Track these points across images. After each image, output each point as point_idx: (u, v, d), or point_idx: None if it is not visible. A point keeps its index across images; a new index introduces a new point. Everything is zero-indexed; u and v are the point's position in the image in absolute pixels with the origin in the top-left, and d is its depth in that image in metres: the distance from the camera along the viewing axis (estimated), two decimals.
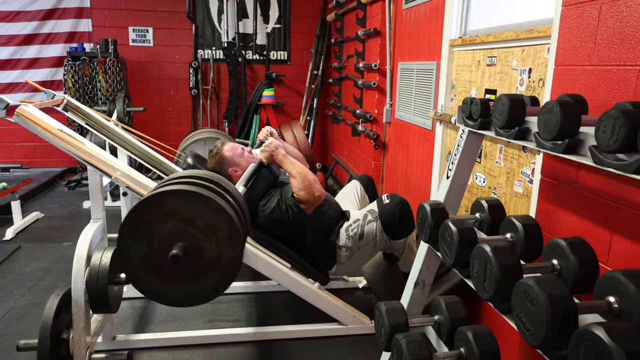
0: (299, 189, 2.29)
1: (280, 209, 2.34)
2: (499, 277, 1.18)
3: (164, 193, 1.55)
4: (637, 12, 1.32)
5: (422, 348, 1.51)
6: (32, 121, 1.93)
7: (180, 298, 1.65)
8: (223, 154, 2.52)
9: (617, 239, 1.40)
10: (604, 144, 1.01)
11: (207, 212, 1.55)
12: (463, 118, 1.68)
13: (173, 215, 1.55)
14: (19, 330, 2.43)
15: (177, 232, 1.55)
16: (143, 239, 1.56)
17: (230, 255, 1.59)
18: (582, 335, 0.89)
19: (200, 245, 1.57)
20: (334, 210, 2.49)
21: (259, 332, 2.43)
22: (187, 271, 1.59)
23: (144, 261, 1.57)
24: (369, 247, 2.37)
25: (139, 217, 1.55)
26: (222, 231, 1.57)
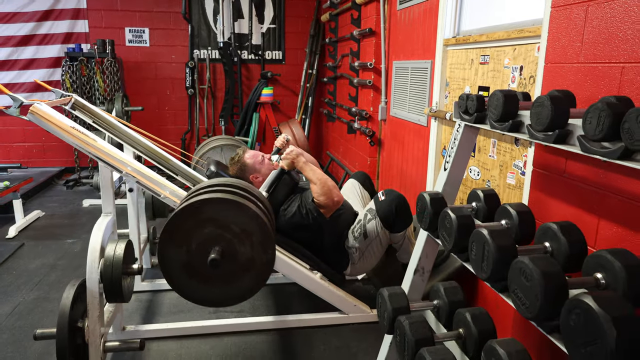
0: (319, 194, 2.41)
1: (300, 214, 2.45)
2: (496, 258, 1.29)
3: (203, 201, 1.66)
4: (619, 13, 1.43)
5: (425, 328, 1.61)
6: (45, 119, 2.00)
7: (216, 299, 1.78)
8: (245, 161, 2.64)
9: (604, 224, 1.51)
10: (591, 134, 1.12)
11: (242, 218, 1.66)
12: (459, 113, 1.78)
13: (210, 222, 1.66)
14: (29, 323, 2.50)
15: (214, 237, 1.66)
16: (182, 244, 1.67)
17: (263, 258, 1.70)
18: (572, 304, 0.99)
19: (235, 249, 1.68)
20: (348, 213, 2.61)
21: (263, 321, 2.52)
22: (223, 274, 1.70)
23: (182, 265, 1.69)
24: (376, 245, 2.49)
25: (179, 224, 1.65)
26: (256, 236, 1.68)
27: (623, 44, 1.42)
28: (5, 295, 2.80)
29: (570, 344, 1.00)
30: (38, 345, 2.30)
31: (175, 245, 1.66)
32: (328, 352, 2.31)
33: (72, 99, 2.55)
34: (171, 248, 1.67)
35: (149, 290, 2.88)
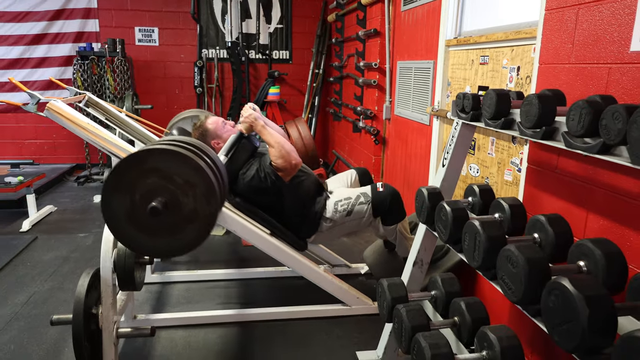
0: (277, 157, 2.42)
1: (259, 177, 2.46)
2: (486, 247, 1.37)
3: (147, 151, 1.66)
4: (607, 17, 1.51)
5: (421, 315, 1.69)
6: (62, 115, 2.10)
7: (160, 250, 1.75)
8: (206, 126, 2.64)
9: (592, 217, 1.59)
10: (573, 130, 1.20)
11: (185, 169, 1.64)
12: (457, 111, 1.86)
13: (154, 172, 1.63)
14: (45, 312, 2.60)
15: (157, 187, 1.64)
16: (125, 194, 1.64)
17: (206, 210, 1.68)
18: (551, 286, 1.07)
19: (178, 200, 1.65)
20: (310, 181, 2.63)
21: (270, 312, 2.60)
22: (167, 224, 1.68)
23: (126, 215, 1.66)
24: (352, 225, 2.55)
25: (122, 174, 1.63)
26: (199, 188, 1.65)
27: (610, 45, 1.50)
28: (21, 286, 2.91)
29: (550, 323, 1.08)
30: (53, 332, 2.41)
31: (119, 195, 1.64)
32: (330, 342, 2.40)
33: (85, 97, 2.66)
34: (114, 197, 1.64)
35: (159, 282, 2.98)
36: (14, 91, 5.68)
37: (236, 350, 2.33)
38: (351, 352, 2.27)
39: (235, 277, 3.08)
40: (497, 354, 1.42)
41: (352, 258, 3.30)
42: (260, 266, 3.18)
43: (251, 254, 3.47)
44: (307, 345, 2.37)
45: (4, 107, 5.74)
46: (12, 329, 2.44)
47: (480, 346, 1.51)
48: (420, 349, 1.51)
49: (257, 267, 3.18)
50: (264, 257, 3.21)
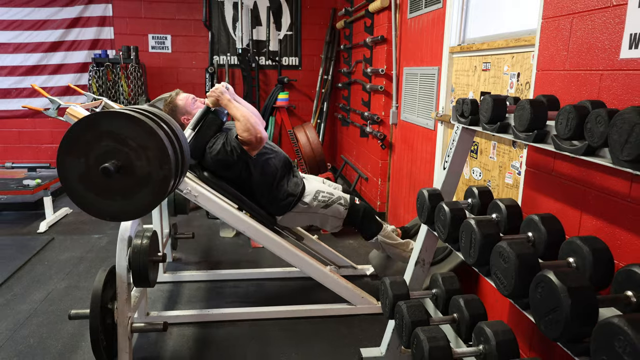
0: (242, 130, 2.46)
1: (225, 150, 2.49)
2: (481, 244, 1.44)
3: (101, 114, 1.72)
4: (598, 25, 1.58)
5: (421, 311, 1.76)
6: None
7: (116, 212, 1.76)
8: (176, 102, 2.70)
9: (586, 217, 1.65)
10: (561, 133, 1.27)
11: (139, 132, 1.67)
12: (456, 116, 1.93)
13: (108, 135, 1.66)
14: (62, 308, 2.71)
15: (111, 150, 1.66)
16: (80, 157, 1.66)
17: (160, 174, 1.71)
18: (539, 279, 1.14)
19: (132, 163, 1.68)
20: (279, 159, 2.69)
21: (277, 310, 2.69)
22: (121, 187, 1.71)
23: (81, 177, 1.69)
24: (321, 217, 2.67)
25: (77, 136, 1.66)
26: (153, 151, 1.68)
27: (601, 52, 1.57)
28: (39, 283, 3.03)
29: (537, 314, 1.15)
30: (70, 328, 2.51)
31: (74, 157, 1.67)
32: (336, 339, 2.47)
33: (102, 102, 2.78)
34: (69, 160, 1.67)
35: (171, 282, 3.09)
36: (32, 97, 5.86)
37: (245, 347, 2.41)
38: (356, 349, 2.34)
39: (244, 278, 3.18)
40: (493, 347, 1.49)
41: (358, 260, 3.38)
42: (269, 267, 3.27)
43: (260, 255, 3.56)
44: (313, 343, 2.45)
45: (22, 113, 5.91)
46: (32, 324, 2.55)
47: (478, 340, 1.58)
48: (419, 343, 1.58)
49: (266, 267, 3.27)
50: (271, 258, 3.31)
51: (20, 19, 5.71)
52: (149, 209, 1.78)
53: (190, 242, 3.77)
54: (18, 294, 2.89)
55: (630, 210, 1.45)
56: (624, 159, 1.05)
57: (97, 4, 5.83)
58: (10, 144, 6.03)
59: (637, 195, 1.43)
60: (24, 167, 4.98)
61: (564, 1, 1.76)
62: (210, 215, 4.45)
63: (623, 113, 1.05)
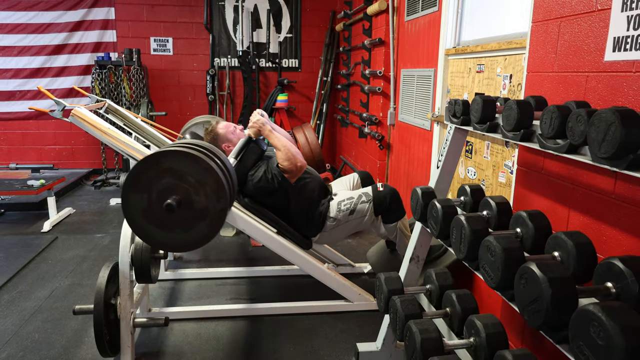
0: (283, 159, 2.57)
1: (267, 178, 2.61)
2: (470, 240, 1.50)
3: (161, 153, 1.82)
4: (584, 29, 1.64)
5: (414, 305, 1.82)
6: (85, 121, 2.27)
7: (174, 244, 1.90)
8: (217, 131, 2.81)
9: (574, 214, 1.71)
10: (545, 132, 1.33)
11: (197, 169, 1.79)
12: (449, 116, 1.99)
13: (168, 172, 1.79)
14: (66, 305, 2.77)
15: (172, 186, 1.79)
16: (143, 193, 1.80)
17: (217, 207, 1.83)
18: (522, 271, 1.20)
19: (191, 198, 1.81)
20: (315, 182, 2.78)
21: (276, 307, 2.74)
22: (181, 221, 1.83)
23: (143, 212, 1.82)
24: (354, 223, 2.69)
25: (139, 174, 1.79)
26: (210, 186, 1.81)
27: (587, 55, 1.63)
28: (43, 281, 3.09)
29: (521, 304, 1.20)
30: (74, 324, 2.57)
31: (137, 193, 1.79)
32: (333, 335, 2.53)
33: (105, 104, 2.84)
34: (132, 196, 1.79)
35: (172, 279, 3.14)
36: (36, 99, 5.93)
37: (244, 342, 2.47)
38: (352, 344, 2.40)
39: (244, 275, 3.23)
40: (483, 339, 1.55)
41: (356, 258, 3.43)
42: (268, 265, 3.33)
43: (259, 253, 3.62)
44: (311, 338, 2.50)
45: (26, 114, 5.99)
46: (36, 320, 2.61)
47: (469, 333, 1.64)
48: (412, 335, 1.64)
49: (265, 265, 3.33)
50: (271, 257, 3.37)
51: (24, 22, 5.80)
52: (206, 240, 1.90)
53: None
54: (23, 291, 2.95)
55: (615, 206, 1.51)
56: (601, 156, 1.11)
57: (100, 7, 5.92)
58: (14, 145, 6.11)
59: (621, 192, 1.49)
60: (28, 168, 5.04)
61: (552, 5, 1.82)
62: None
63: (600, 113, 1.11)
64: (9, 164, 5.20)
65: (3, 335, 2.46)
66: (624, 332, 0.91)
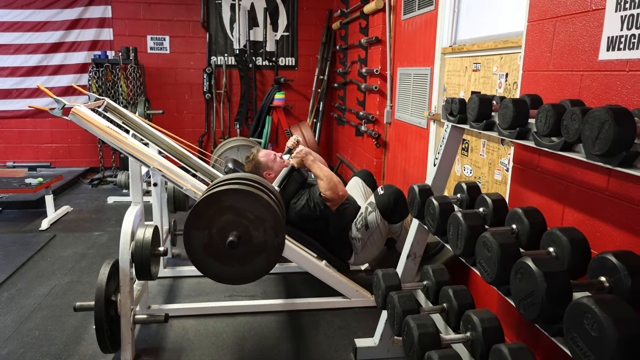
0: (326, 189, 2.68)
1: (309, 207, 2.72)
2: (467, 235, 1.52)
3: (222, 191, 1.91)
4: (579, 29, 1.67)
5: (412, 301, 1.85)
6: (85, 119, 2.28)
7: (234, 277, 2.02)
8: (259, 159, 2.93)
9: (568, 210, 1.74)
10: (541, 130, 1.36)
11: (256, 206, 1.91)
12: (446, 115, 2.02)
13: (229, 209, 1.90)
14: (65, 302, 2.79)
15: (232, 223, 1.91)
16: (204, 229, 1.91)
17: (274, 242, 1.95)
18: (518, 265, 1.23)
19: (250, 234, 1.92)
20: (352, 207, 2.88)
21: (273, 303, 2.77)
22: (240, 255, 1.95)
23: (205, 247, 1.93)
24: (377, 235, 2.75)
25: (201, 211, 1.90)
26: (269, 222, 1.92)
27: (582, 54, 1.66)
28: (42, 279, 3.10)
29: (517, 298, 1.23)
30: (73, 321, 2.59)
31: (199, 229, 1.91)
32: (331, 331, 2.56)
33: (104, 102, 2.85)
34: (194, 232, 1.91)
35: (171, 277, 3.17)
36: (33, 97, 5.93)
37: (244, 338, 2.49)
38: (350, 340, 2.43)
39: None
40: (480, 334, 1.58)
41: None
42: None
43: None
44: (309, 335, 2.53)
45: (23, 113, 5.98)
46: (36, 317, 2.63)
47: (465, 328, 1.67)
48: (410, 330, 1.67)
49: None
50: None
51: (21, 20, 5.78)
52: (263, 273, 2.01)
53: None
54: (22, 288, 2.96)
55: (608, 203, 1.54)
56: (595, 153, 1.14)
57: (96, 5, 5.91)
58: (11, 143, 6.10)
59: (614, 189, 1.52)
60: (25, 167, 5.04)
61: (547, 5, 1.85)
62: None
63: (594, 111, 1.14)
64: (6, 162, 5.19)
65: (3, 332, 2.48)
66: (617, 324, 0.94)
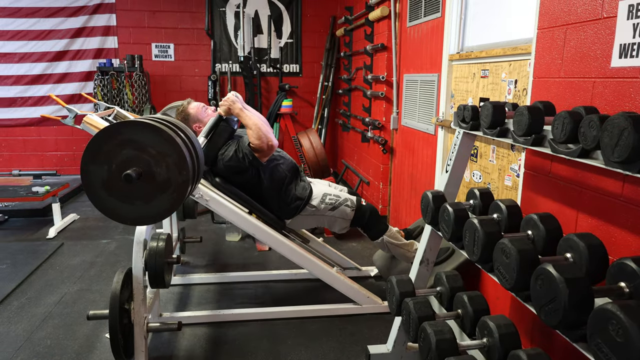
0: (255, 138, 2.56)
1: (237, 157, 2.61)
2: (484, 242, 1.53)
3: (121, 124, 1.81)
4: (591, 36, 1.68)
5: (427, 307, 1.85)
6: (97, 128, 2.30)
7: (137, 217, 1.87)
8: (188, 111, 2.81)
9: (582, 216, 1.75)
10: (557, 137, 1.37)
11: (158, 140, 1.76)
12: (458, 121, 2.03)
13: (129, 144, 1.76)
14: (76, 311, 2.79)
15: (132, 157, 1.76)
16: (103, 164, 1.76)
17: (178, 179, 1.80)
18: (539, 272, 1.24)
19: (152, 169, 1.78)
20: (287, 164, 2.82)
21: (286, 310, 2.77)
22: (142, 193, 1.80)
23: (104, 184, 1.78)
24: (328, 219, 2.78)
25: (99, 145, 1.76)
26: (172, 158, 1.77)
27: (594, 61, 1.67)
28: (52, 287, 3.11)
29: (537, 305, 1.24)
30: (85, 329, 2.59)
31: (97, 165, 1.76)
32: (343, 338, 2.56)
33: (114, 111, 2.87)
34: (93, 167, 1.76)
35: (180, 284, 3.17)
36: (38, 105, 5.95)
37: (256, 346, 2.49)
38: (362, 347, 2.43)
39: (252, 280, 3.26)
40: (496, 340, 1.59)
41: (361, 261, 3.47)
42: (275, 269, 3.36)
43: (265, 258, 3.65)
44: (322, 341, 2.53)
45: (27, 121, 6.01)
46: (47, 326, 2.63)
47: (481, 334, 1.68)
48: (427, 336, 1.68)
49: (272, 270, 3.36)
50: (277, 261, 3.40)
51: (25, 29, 5.82)
52: (167, 213, 1.87)
53: (197, 246, 3.86)
54: (32, 297, 2.97)
55: (623, 208, 1.55)
56: (614, 160, 1.15)
57: (101, 14, 5.94)
58: (16, 151, 6.12)
59: (629, 194, 1.53)
60: (30, 175, 5.05)
61: (558, 13, 1.87)
62: (216, 220, 4.54)
63: (613, 118, 1.15)
64: (12, 171, 5.21)
65: (15, 341, 2.48)
66: None
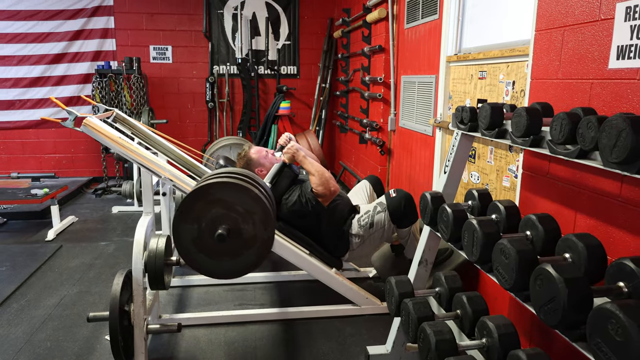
0: (317, 184, 2.67)
1: (300, 202, 2.71)
2: (483, 243, 1.54)
3: (210, 185, 1.89)
4: (588, 38, 1.70)
5: (426, 308, 1.86)
6: (97, 131, 2.30)
7: (224, 272, 1.99)
8: (250, 156, 2.92)
9: (580, 216, 1.76)
10: (555, 138, 1.38)
11: (245, 199, 1.88)
12: (456, 123, 2.04)
13: (217, 203, 1.88)
14: (76, 313, 2.79)
15: (221, 216, 1.88)
16: (193, 223, 1.89)
17: (264, 235, 1.93)
18: (538, 272, 1.24)
19: (240, 227, 1.90)
20: (344, 203, 2.86)
21: (285, 312, 2.78)
22: (230, 249, 1.92)
23: (194, 242, 1.90)
24: (377, 235, 2.74)
25: (190, 205, 1.88)
26: (258, 215, 1.90)
27: (592, 63, 1.68)
28: (51, 289, 3.11)
29: (537, 305, 1.25)
30: (85, 331, 2.59)
31: (188, 223, 1.87)
32: (342, 339, 2.56)
33: (114, 113, 2.88)
34: (183, 226, 1.88)
35: (180, 286, 3.17)
36: (36, 107, 5.95)
37: (255, 347, 2.50)
38: (362, 348, 2.44)
39: (250, 281, 3.26)
40: (496, 340, 1.60)
41: (360, 262, 3.47)
42: (274, 271, 3.36)
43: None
44: (321, 342, 2.54)
45: (26, 123, 6.00)
46: (47, 328, 2.63)
47: (481, 334, 1.68)
48: (426, 337, 1.68)
49: (271, 271, 3.36)
50: (276, 263, 3.40)
51: (24, 32, 5.82)
52: (254, 268, 1.98)
53: None
54: (31, 299, 2.97)
55: (622, 209, 1.56)
56: (612, 160, 1.16)
57: (99, 16, 5.95)
58: (14, 154, 6.12)
59: (628, 195, 1.54)
60: (28, 177, 5.05)
61: (555, 15, 1.88)
62: None
63: (611, 119, 1.16)
64: (10, 173, 5.21)
65: (15, 343, 2.48)
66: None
